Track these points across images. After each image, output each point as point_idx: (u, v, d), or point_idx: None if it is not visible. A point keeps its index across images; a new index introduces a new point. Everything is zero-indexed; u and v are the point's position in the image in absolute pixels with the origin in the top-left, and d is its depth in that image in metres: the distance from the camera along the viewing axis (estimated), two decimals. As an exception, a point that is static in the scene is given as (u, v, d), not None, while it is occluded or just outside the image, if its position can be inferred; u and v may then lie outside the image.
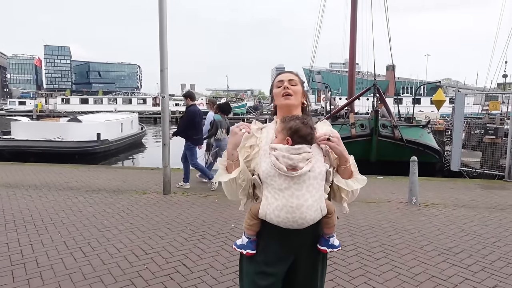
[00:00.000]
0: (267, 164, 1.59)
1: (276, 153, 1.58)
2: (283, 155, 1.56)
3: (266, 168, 1.59)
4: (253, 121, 1.82)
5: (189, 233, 4.45)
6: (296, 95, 1.75)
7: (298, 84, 1.78)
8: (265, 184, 1.60)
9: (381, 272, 3.46)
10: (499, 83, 29.68)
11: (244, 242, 1.70)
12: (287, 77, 1.77)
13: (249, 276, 1.69)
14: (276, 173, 1.56)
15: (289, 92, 1.73)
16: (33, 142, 13.61)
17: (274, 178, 1.57)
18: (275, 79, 1.83)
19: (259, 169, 1.62)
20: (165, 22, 6.29)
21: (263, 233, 1.68)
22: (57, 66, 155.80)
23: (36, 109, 46.91)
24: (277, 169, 1.55)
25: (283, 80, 1.77)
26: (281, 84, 1.76)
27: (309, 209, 1.55)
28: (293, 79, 1.78)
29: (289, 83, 1.75)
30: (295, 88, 1.76)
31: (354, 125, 10.70)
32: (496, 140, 9.14)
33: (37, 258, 3.68)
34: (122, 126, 17.74)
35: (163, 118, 6.54)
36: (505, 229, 4.73)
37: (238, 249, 1.72)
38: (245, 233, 1.71)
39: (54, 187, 6.85)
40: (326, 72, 75.87)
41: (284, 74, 1.81)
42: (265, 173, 1.59)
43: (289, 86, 1.74)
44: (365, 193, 6.51)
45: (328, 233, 1.69)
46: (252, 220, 1.66)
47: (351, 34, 15.52)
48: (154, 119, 40.81)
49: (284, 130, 1.63)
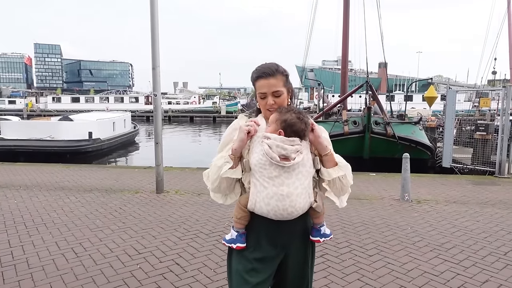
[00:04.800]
0: (259, 151, 1.60)
1: (269, 141, 1.57)
2: (277, 145, 1.56)
3: (258, 156, 1.59)
4: (239, 115, 1.80)
5: (182, 232, 4.43)
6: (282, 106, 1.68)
7: (283, 91, 1.66)
8: (254, 171, 1.61)
9: (374, 268, 3.48)
10: (490, 80, 30.01)
11: (233, 236, 1.68)
12: (270, 89, 1.63)
13: (239, 274, 1.67)
14: (267, 161, 1.57)
15: (274, 107, 1.66)
16: (23, 141, 13.47)
17: (265, 166, 1.57)
18: (256, 80, 1.67)
19: (250, 156, 1.62)
20: (157, 19, 6.23)
21: (252, 228, 1.67)
22: (48, 64, 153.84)
23: (26, 108, 46.36)
24: (269, 157, 1.55)
25: (266, 92, 1.64)
26: (264, 96, 1.66)
27: (299, 197, 1.57)
28: (276, 89, 1.64)
29: (273, 96, 1.64)
30: (279, 101, 1.65)
31: (347, 122, 10.75)
32: (487, 137, 9.25)
33: (28, 259, 3.64)
34: (115, 125, 17.62)
35: (156, 116, 6.50)
36: (495, 224, 4.79)
37: (228, 243, 1.70)
38: (234, 227, 1.70)
39: (45, 187, 6.78)
40: (319, 69, 75.94)
41: (267, 82, 1.64)
42: (255, 160, 1.60)
43: (274, 101, 1.64)
44: (358, 190, 6.55)
45: (318, 222, 1.71)
46: (241, 213, 1.66)
47: (344, 31, 15.57)
48: (147, 118, 40.62)
49: (278, 121, 1.62)
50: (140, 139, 23.60)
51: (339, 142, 10.36)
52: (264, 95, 1.66)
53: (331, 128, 10.51)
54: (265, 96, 1.66)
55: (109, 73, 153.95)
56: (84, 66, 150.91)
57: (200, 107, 50.31)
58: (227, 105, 48.42)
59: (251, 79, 1.71)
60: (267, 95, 1.65)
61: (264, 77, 1.65)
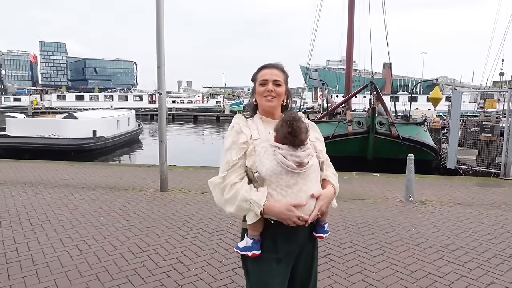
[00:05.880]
0: (271, 162, 1.60)
1: (282, 151, 1.61)
2: (291, 154, 1.61)
3: (272, 166, 1.60)
4: (237, 115, 1.81)
5: (186, 231, 4.44)
6: (279, 97, 1.73)
7: (283, 84, 1.73)
8: (269, 182, 1.60)
9: (378, 269, 3.47)
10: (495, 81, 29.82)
11: (248, 244, 1.67)
12: (272, 77, 1.71)
13: (259, 276, 1.68)
14: (283, 170, 1.59)
15: (273, 94, 1.70)
16: (28, 139, 13.54)
17: (281, 175, 1.59)
18: (259, 71, 1.76)
19: (260, 168, 1.61)
20: (162, 18, 6.25)
21: (268, 233, 1.67)
22: (53, 62, 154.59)
23: (31, 106, 46.64)
24: (286, 166, 1.59)
25: (267, 79, 1.71)
26: (265, 82, 1.71)
27: (313, 200, 1.63)
28: (278, 79, 1.71)
29: (274, 84, 1.70)
30: (279, 90, 1.71)
31: (351, 122, 10.72)
32: (492, 138, 9.19)
33: (32, 256, 3.66)
34: (119, 123, 17.67)
35: (160, 115, 6.51)
36: (500, 226, 4.76)
37: (242, 251, 1.69)
38: (249, 235, 1.68)
39: (50, 184, 6.81)
40: (323, 69, 75.79)
41: (270, 71, 1.73)
42: (269, 171, 1.60)
43: (273, 89, 1.70)
44: (362, 191, 6.53)
45: (324, 220, 1.77)
46: (257, 221, 1.63)
47: (349, 31, 15.53)
48: (151, 116, 40.71)
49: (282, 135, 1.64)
50: (144, 137, 23.67)
51: (343, 143, 10.33)
52: (265, 81, 1.71)
53: (335, 128, 10.49)
54: (265, 82, 1.71)
55: (113, 71, 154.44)
56: (89, 64, 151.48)
57: (204, 106, 50.40)
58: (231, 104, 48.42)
59: (253, 74, 1.77)
60: (268, 82, 1.70)
61: (269, 67, 1.75)
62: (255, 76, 1.76)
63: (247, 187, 1.61)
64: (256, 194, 1.59)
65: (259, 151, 1.63)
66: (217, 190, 1.69)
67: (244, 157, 1.64)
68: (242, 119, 1.74)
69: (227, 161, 1.66)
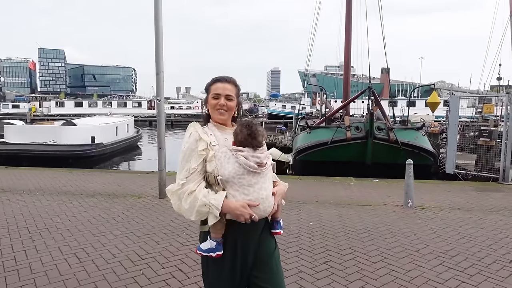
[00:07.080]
0: (233, 164, 1.71)
1: (244, 153, 1.73)
2: (252, 155, 1.75)
3: (234, 168, 1.71)
4: (192, 123, 1.87)
5: (185, 238, 4.42)
6: (230, 111, 1.84)
7: (234, 98, 1.84)
8: (231, 183, 1.71)
9: (378, 276, 3.45)
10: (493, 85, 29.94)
11: (212, 246, 1.77)
12: (225, 91, 1.81)
13: (219, 279, 1.78)
14: (245, 171, 1.71)
15: (224, 108, 1.81)
16: (26, 146, 13.51)
17: (243, 176, 1.71)
18: (213, 83, 1.85)
19: (222, 171, 1.71)
20: (161, 25, 6.27)
21: (230, 233, 1.76)
22: (52, 69, 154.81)
23: (30, 113, 46.58)
24: (248, 167, 1.71)
25: (220, 94, 1.81)
26: (217, 96, 1.81)
27: (272, 197, 1.79)
28: (230, 94, 1.82)
29: (226, 98, 1.81)
30: (230, 104, 1.82)
31: (349, 127, 10.71)
32: (490, 143, 9.20)
33: (30, 265, 3.63)
34: (118, 129, 17.66)
35: (159, 121, 6.51)
36: (500, 231, 4.75)
37: (206, 253, 1.78)
38: (212, 237, 1.77)
39: (48, 192, 6.79)
40: (321, 75, 75.98)
41: (223, 85, 1.82)
42: (232, 173, 1.71)
43: (225, 103, 1.80)
44: (361, 196, 6.52)
45: (278, 216, 1.91)
46: (219, 224, 1.73)
47: (346, 37, 15.59)
48: (150, 122, 40.71)
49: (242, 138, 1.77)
50: (143, 143, 23.65)
51: (342, 148, 10.32)
52: (218, 96, 1.81)
53: (333, 134, 10.50)
54: (218, 97, 1.81)
55: (112, 77, 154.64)
56: (87, 71, 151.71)
57: None
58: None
59: (207, 84, 1.87)
60: (221, 96, 1.81)
61: (222, 81, 1.85)
62: (209, 87, 1.86)
63: (205, 192, 1.71)
64: (214, 197, 1.69)
65: (219, 156, 1.73)
66: (175, 196, 1.78)
67: (203, 163, 1.74)
68: (199, 127, 1.82)
69: (187, 169, 1.73)
